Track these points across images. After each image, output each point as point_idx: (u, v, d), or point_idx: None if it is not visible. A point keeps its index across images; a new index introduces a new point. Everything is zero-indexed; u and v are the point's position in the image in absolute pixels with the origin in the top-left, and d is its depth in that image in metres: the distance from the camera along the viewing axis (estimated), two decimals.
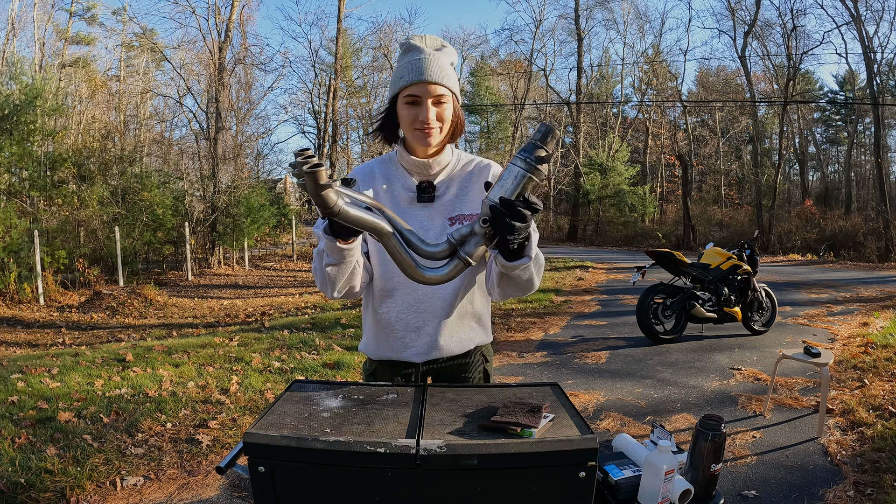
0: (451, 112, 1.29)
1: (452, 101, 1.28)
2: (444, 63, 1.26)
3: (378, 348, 1.41)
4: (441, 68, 1.25)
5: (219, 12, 17.44)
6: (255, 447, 0.91)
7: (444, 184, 1.35)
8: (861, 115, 25.78)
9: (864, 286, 9.84)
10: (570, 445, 0.91)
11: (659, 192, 29.99)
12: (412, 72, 1.23)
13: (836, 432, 3.22)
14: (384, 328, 1.38)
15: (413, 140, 1.30)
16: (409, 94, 1.24)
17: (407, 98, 1.25)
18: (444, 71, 1.25)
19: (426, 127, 1.25)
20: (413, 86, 1.23)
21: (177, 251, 15.10)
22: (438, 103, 1.25)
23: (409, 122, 1.26)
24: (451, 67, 1.28)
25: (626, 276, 10.89)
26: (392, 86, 1.29)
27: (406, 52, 1.27)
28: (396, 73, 1.28)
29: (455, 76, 1.30)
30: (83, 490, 2.52)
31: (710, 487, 1.20)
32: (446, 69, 1.26)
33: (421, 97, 1.24)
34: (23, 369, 4.37)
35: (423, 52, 1.25)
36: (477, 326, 1.42)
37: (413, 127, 1.26)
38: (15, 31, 17.54)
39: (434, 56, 1.25)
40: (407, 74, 1.24)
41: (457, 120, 1.31)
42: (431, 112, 1.24)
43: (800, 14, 23.02)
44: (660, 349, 5.24)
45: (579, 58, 27.42)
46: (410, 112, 1.26)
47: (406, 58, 1.26)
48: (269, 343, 5.45)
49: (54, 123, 13.18)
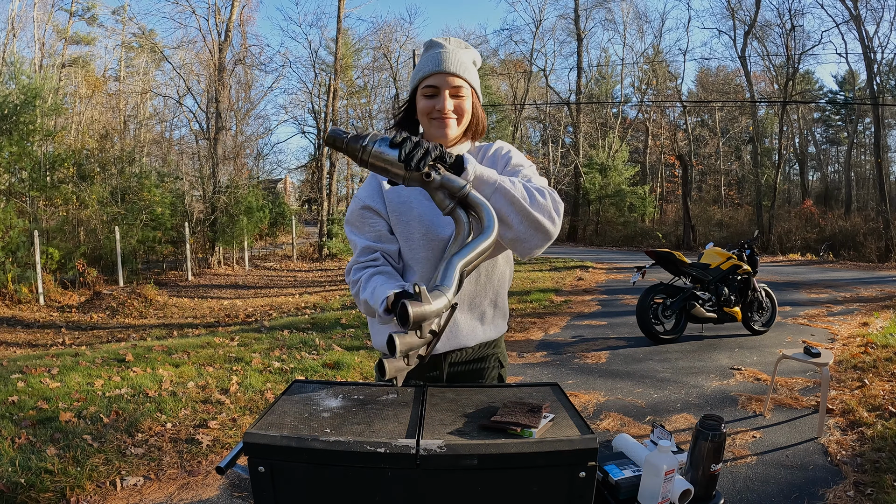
0: (471, 106, 1.29)
1: (472, 96, 1.29)
2: (465, 59, 1.28)
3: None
4: (461, 62, 1.26)
5: (219, 12, 17.47)
6: (255, 447, 0.91)
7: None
8: (861, 115, 25.79)
9: (864, 286, 9.84)
10: (570, 445, 0.91)
11: (659, 192, 30.00)
12: (431, 63, 1.25)
13: (836, 432, 3.22)
14: None
15: (430, 130, 1.30)
16: (428, 84, 1.25)
17: (426, 89, 1.26)
18: (463, 65, 1.27)
19: (443, 116, 1.26)
20: (432, 76, 1.25)
21: (177, 251, 15.11)
22: (456, 95, 1.27)
23: (427, 111, 1.27)
24: (471, 64, 1.30)
25: (626, 276, 10.89)
26: (412, 79, 1.31)
27: (428, 49, 1.30)
28: (417, 67, 1.30)
29: (476, 74, 1.31)
30: (83, 490, 2.52)
31: (710, 487, 1.20)
32: (466, 64, 1.28)
33: (439, 87, 1.25)
34: (23, 369, 4.37)
35: (444, 48, 1.27)
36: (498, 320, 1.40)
37: (430, 117, 1.27)
38: (15, 31, 17.54)
39: (455, 51, 1.27)
40: (426, 66, 1.26)
41: (477, 116, 1.32)
42: (448, 102, 1.26)
43: (799, 14, 23.07)
44: (660, 349, 5.24)
45: (579, 58, 27.46)
46: (428, 103, 1.27)
47: (427, 53, 1.28)
48: (269, 343, 5.45)
49: (54, 123, 13.18)
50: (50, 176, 12.28)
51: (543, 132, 30.10)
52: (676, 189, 28.82)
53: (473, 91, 1.30)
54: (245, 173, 19.78)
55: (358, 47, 27.11)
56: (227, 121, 17.95)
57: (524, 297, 8.45)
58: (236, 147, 18.38)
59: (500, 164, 1.30)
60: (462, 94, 1.27)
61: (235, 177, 17.12)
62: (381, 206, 1.32)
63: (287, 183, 36.13)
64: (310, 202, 36.03)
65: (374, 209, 1.32)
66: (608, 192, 25.73)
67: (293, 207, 27.52)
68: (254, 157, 25.15)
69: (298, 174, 34.19)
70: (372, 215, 1.32)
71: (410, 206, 1.30)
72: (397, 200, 1.32)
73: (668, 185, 31.93)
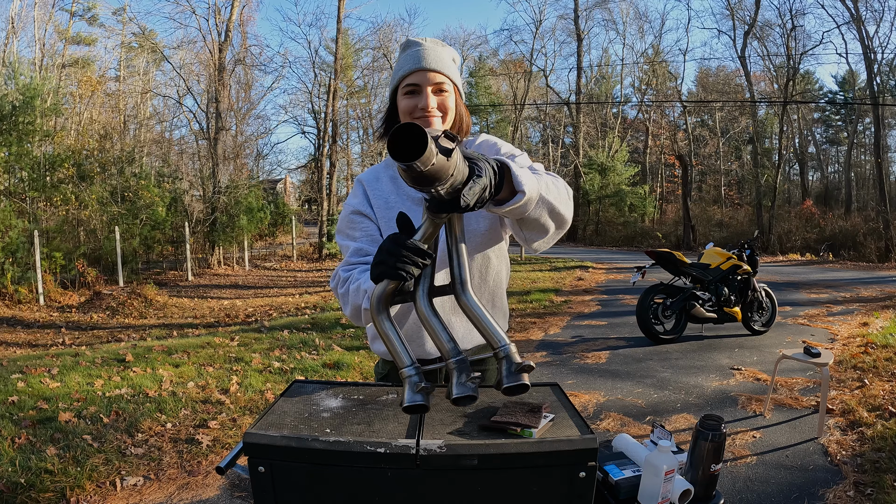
0: (454, 103, 1.25)
1: (454, 92, 1.25)
2: (445, 55, 1.24)
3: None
4: (441, 58, 1.22)
5: (219, 12, 17.47)
6: (255, 447, 0.91)
7: None
8: (861, 116, 25.79)
9: (864, 286, 9.84)
10: (570, 445, 0.91)
11: (659, 192, 30.00)
12: (411, 61, 1.21)
13: (836, 432, 3.22)
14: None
15: None
16: (409, 82, 1.20)
17: (406, 88, 1.21)
18: (444, 61, 1.22)
19: (426, 114, 1.20)
20: (412, 74, 1.20)
21: (176, 251, 15.11)
22: (439, 91, 1.22)
23: (409, 111, 1.22)
24: (451, 61, 1.25)
25: (626, 276, 10.89)
26: (392, 81, 1.27)
27: (405, 49, 1.25)
28: (395, 68, 1.25)
29: (457, 70, 1.27)
30: (83, 490, 2.52)
31: (710, 487, 1.20)
32: (446, 60, 1.23)
33: (420, 85, 1.20)
34: (23, 369, 4.37)
35: (422, 45, 1.23)
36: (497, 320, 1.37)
37: (413, 116, 1.21)
38: (15, 31, 17.54)
39: (433, 48, 1.23)
40: (406, 64, 1.21)
41: (460, 114, 1.27)
42: (432, 99, 1.20)
43: (799, 14, 23.05)
44: (660, 349, 5.24)
45: (579, 58, 27.46)
46: (410, 102, 1.21)
47: (406, 52, 1.24)
48: (269, 343, 5.45)
49: (53, 123, 13.18)
50: (49, 176, 12.27)
51: (543, 132, 30.12)
52: (676, 189, 28.81)
53: (456, 88, 1.25)
54: (245, 173, 19.79)
55: (358, 47, 27.12)
56: (227, 121, 17.94)
57: (524, 297, 8.45)
58: (236, 147, 18.39)
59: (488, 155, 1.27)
60: (445, 89, 1.22)
61: (235, 177, 17.12)
62: (370, 210, 1.30)
63: (287, 183, 36.14)
64: (310, 202, 36.03)
65: (364, 213, 1.29)
66: (608, 192, 25.73)
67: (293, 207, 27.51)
68: (254, 157, 25.20)
69: (298, 174, 34.22)
70: (363, 219, 1.29)
71: (392, 208, 1.28)
72: (384, 205, 1.29)
73: (668, 185, 31.92)
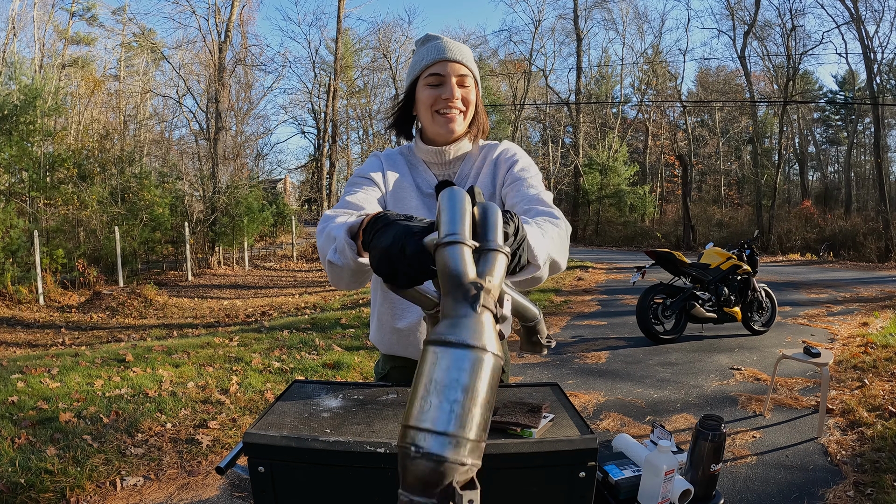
0: (475, 98, 1.22)
1: (475, 88, 1.22)
2: (466, 50, 1.22)
3: (390, 345, 1.32)
4: (463, 52, 1.20)
5: (219, 12, 17.47)
6: (254, 447, 0.91)
7: (463, 178, 1.26)
8: (861, 115, 25.79)
9: (864, 286, 9.84)
10: (570, 445, 0.91)
11: (659, 192, 30.01)
12: (434, 52, 1.17)
13: (836, 432, 3.22)
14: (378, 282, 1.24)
15: (433, 126, 1.20)
16: (432, 72, 1.16)
17: (429, 78, 1.17)
18: (466, 54, 1.20)
19: (450, 105, 1.17)
20: (436, 64, 1.16)
21: (177, 251, 15.10)
22: (462, 85, 1.18)
23: (430, 103, 1.18)
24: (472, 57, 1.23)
25: (626, 276, 10.89)
26: (410, 71, 1.22)
27: (424, 42, 1.22)
28: (415, 59, 1.21)
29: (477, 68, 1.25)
30: (83, 490, 2.52)
31: (710, 487, 1.20)
32: (468, 54, 1.21)
33: (444, 76, 1.16)
34: (23, 369, 4.37)
35: (442, 39, 1.20)
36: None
37: (434, 108, 1.18)
38: (15, 31, 17.54)
39: (455, 42, 1.21)
40: (429, 55, 1.17)
41: (479, 111, 1.24)
42: (456, 90, 1.17)
43: (799, 14, 23.04)
44: (660, 349, 5.24)
45: (578, 58, 27.45)
46: (433, 92, 1.17)
47: (427, 45, 1.21)
48: (269, 343, 5.45)
49: (54, 124, 13.18)
50: (50, 176, 12.28)
51: (543, 132, 30.10)
52: (676, 189, 28.81)
53: (476, 84, 1.22)
54: (245, 173, 19.79)
55: (358, 47, 27.13)
56: (227, 121, 17.96)
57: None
58: (236, 147, 18.40)
59: (503, 167, 1.23)
60: (467, 83, 1.18)
61: (235, 177, 17.12)
62: (382, 182, 1.23)
63: (287, 183, 36.15)
64: (310, 202, 36.06)
65: (374, 180, 1.21)
66: (608, 192, 25.74)
67: (293, 207, 27.50)
68: (254, 157, 25.21)
69: (298, 174, 34.25)
70: (371, 184, 1.20)
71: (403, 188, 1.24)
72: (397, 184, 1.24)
73: (668, 185, 31.93)
